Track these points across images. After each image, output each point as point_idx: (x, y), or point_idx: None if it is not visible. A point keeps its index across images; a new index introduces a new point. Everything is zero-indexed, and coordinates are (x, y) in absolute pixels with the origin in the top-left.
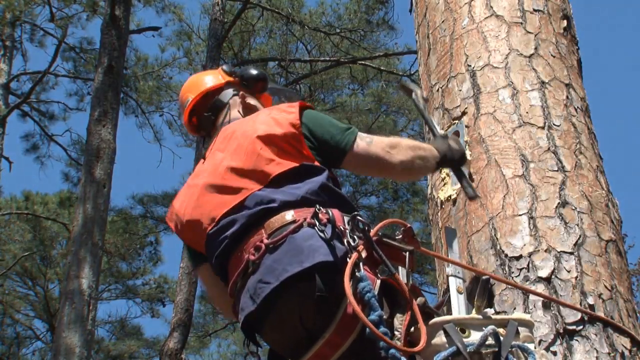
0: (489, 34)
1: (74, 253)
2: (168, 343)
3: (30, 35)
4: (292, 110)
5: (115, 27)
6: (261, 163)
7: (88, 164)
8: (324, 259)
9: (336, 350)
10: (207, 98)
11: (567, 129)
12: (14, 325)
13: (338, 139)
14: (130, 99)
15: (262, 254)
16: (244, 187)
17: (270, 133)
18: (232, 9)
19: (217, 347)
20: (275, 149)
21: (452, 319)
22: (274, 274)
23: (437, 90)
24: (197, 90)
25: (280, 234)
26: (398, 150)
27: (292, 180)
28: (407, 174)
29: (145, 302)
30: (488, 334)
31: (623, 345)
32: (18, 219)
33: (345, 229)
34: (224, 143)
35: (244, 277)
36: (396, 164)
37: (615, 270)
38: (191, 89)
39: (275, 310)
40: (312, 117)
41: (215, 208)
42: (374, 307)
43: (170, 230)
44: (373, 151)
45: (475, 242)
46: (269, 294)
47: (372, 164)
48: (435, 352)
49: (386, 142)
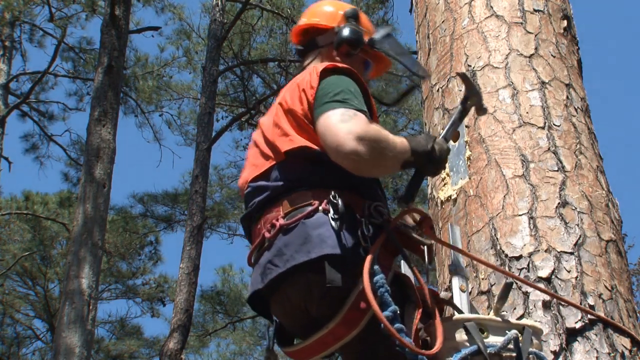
0: (489, 34)
1: (74, 253)
2: (168, 343)
3: (30, 35)
4: (316, 77)
5: (115, 27)
6: (277, 135)
7: (88, 163)
8: (331, 251)
9: (339, 340)
10: (309, 31)
11: (567, 129)
12: (14, 325)
13: (315, 110)
14: (129, 98)
15: (276, 233)
16: (270, 156)
17: (291, 107)
18: (232, 8)
19: (217, 347)
20: (294, 122)
21: (474, 317)
22: (282, 259)
23: (437, 90)
24: (310, 18)
25: (294, 216)
26: (353, 123)
27: (310, 159)
28: (361, 158)
29: (145, 301)
30: (511, 338)
31: (623, 345)
32: (18, 218)
33: (361, 218)
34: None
35: (259, 250)
36: (346, 137)
37: (615, 270)
38: (310, 14)
39: (282, 293)
40: (324, 85)
41: (252, 170)
42: (387, 302)
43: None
44: (331, 120)
45: (476, 242)
46: (275, 277)
47: (326, 134)
48: (454, 348)
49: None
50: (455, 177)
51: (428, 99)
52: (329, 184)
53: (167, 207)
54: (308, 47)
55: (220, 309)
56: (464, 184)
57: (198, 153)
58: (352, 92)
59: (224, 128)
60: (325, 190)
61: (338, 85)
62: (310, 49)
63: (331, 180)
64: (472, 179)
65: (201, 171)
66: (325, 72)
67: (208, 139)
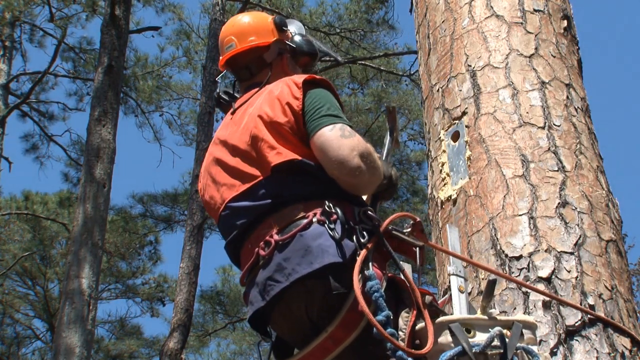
0: (489, 34)
1: (74, 253)
2: (168, 343)
3: (30, 36)
4: (298, 89)
5: (115, 27)
6: (263, 149)
7: (88, 163)
8: (333, 260)
9: (339, 344)
10: (251, 52)
11: (567, 129)
12: (14, 325)
13: (311, 122)
14: (130, 98)
15: (272, 250)
16: (251, 174)
17: (274, 119)
18: (232, 8)
19: (217, 347)
20: (277, 135)
21: (458, 318)
22: (284, 273)
23: (437, 91)
24: (243, 41)
25: (290, 230)
26: (355, 140)
27: (299, 172)
28: (364, 175)
29: (145, 301)
30: (494, 335)
31: (623, 345)
32: (18, 218)
33: (355, 226)
34: (243, 113)
35: (254, 269)
36: (352, 155)
37: (615, 271)
38: (238, 34)
39: (282, 306)
40: (313, 98)
41: (225, 190)
42: (381, 307)
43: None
44: (331, 135)
45: (476, 242)
46: (278, 292)
47: (327, 148)
48: (440, 351)
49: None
50: (455, 177)
51: (428, 99)
52: (320, 194)
53: (167, 207)
54: (253, 67)
55: (220, 309)
56: (464, 184)
57: (198, 153)
58: (338, 108)
59: None
60: (316, 201)
61: (326, 99)
62: (256, 68)
63: (321, 190)
64: (472, 179)
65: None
66: (306, 84)
67: (208, 138)
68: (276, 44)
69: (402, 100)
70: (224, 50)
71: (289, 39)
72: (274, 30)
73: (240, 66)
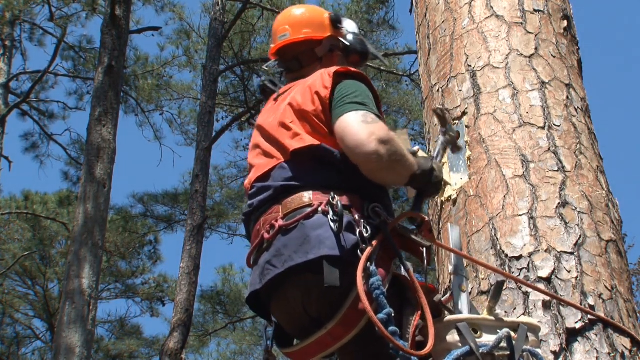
0: (489, 34)
1: (74, 252)
2: (168, 343)
3: (30, 35)
4: (329, 78)
5: (115, 27)
6: (287, 135)
7: (88, 163)
8: (329, 252)
9: (338, 341)
10: (303, 44)
11: (567, 129)
12: (14, 324)
13: (336, 109)
14: (130, 98)
15: (275, 234)
16: (274, 156)
17: (303, 108)
18: (233, 8)
19: (217, 347)
20: (305, 123)
21: (466, 318)
22: (281, 259)
23: (437, 91)
24: (297, 31)
25: (294, 217)
26: (377, 126)
27: (318, 159)
28: (381, 160)
29: (145, 301)
30: (503, 336)
31: (623, 346)
32: (18, 218)
33: (359, 219)
34: (282, 101)
35: (258, 251)
36: (370, 139)
37: (615, 271)
38: (293, 24)
39: (281, 294)
40: (343, 87)
41: (256, 171)
42: (382, 304)
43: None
44: (352, 119)
45: (476, 242)
46: (273, 277)
47: (346, 132)
48: (446, 350)
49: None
50: (455, 177)
51: (428, 99)
52: (331, 184)
53: (167, 206)
54: (304, 59)
55: (220, 309)
56: (464, 184)
57: (198, 152)
58: (369, 98)
59: (224, 128)
60: (325, 191)
61: (356, 89)
62: (306, 60)
63: (335, 181)
64: (472, 179)
65: (202, 170)
66: (338, 74)
67: (208, 138)
68: (329, 40)
69: (402, 100)
70: (276, 39)
71: (343, 37)
72: (329, 26)
73: (289, 57)
